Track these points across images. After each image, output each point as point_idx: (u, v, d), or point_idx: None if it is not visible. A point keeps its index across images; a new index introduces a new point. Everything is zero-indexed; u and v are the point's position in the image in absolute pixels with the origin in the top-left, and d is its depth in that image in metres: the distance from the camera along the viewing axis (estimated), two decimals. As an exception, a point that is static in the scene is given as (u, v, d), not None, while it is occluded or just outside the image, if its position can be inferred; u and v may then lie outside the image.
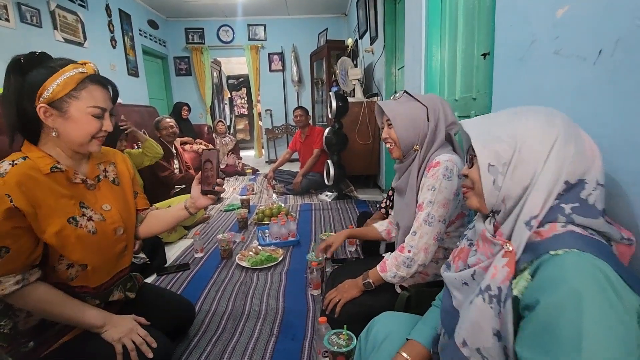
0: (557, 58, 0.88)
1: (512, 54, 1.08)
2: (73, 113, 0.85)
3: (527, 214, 0.54)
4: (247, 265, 1.90)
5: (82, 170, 0.98)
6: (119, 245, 1.02)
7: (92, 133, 0.89)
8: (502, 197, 0.58)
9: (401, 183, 1.17)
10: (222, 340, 1.31)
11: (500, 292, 0.53)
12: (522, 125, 0.57)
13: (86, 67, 0.88)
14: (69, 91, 0.84)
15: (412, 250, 1.04)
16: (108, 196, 1.02)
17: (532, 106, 0.60)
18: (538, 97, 0.97)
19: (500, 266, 0.54)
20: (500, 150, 0.57)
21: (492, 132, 0.59)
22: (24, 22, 2.98)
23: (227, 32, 6.04)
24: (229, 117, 8.43)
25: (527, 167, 0.55)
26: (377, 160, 3.72)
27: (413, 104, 1.10)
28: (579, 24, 0.80)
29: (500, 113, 0.62)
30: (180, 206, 1.11)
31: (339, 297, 1.16)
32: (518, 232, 0.55)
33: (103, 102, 0.89)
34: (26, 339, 0.90)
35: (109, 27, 4.23)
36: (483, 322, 0.54)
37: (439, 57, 1.92)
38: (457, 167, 1.03)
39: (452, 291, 0.69)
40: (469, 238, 0.73)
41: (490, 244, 0.60)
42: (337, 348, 1.01)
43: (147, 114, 4.32)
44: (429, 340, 0.79)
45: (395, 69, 3.25)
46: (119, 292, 1.05)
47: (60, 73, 0.84)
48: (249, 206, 3.05)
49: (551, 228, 0.53)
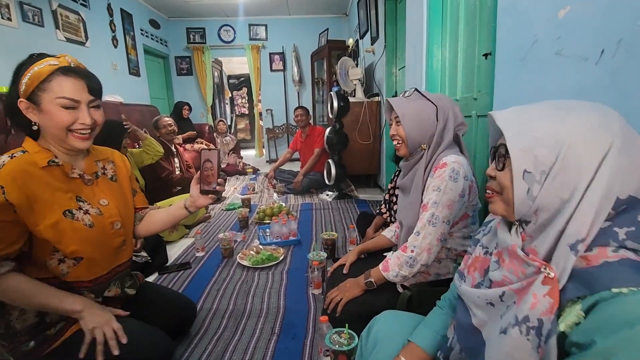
0: (559, 58, 0.88)
1: (514, 54, 1.08)
2: (45, 106, 0.85)
3: (573, 236, 0.47)
4: (248, 264, 1.90)
5: (80, 166, 0.99)
6: (116, 239, 1.02)
7: (64, 125, 0.87)
8: (535, 208, 0.51)
9: (406, 181, 1.17)
10: (224, 339, 1.31)
11: (541, 326, 0.47)
12: (569, 126, 0.48)
13: (59, 60, 0.88)
14: (37, 84, 0.85)
15: (415, 250, 1.05)
16: (105, 192, 1.03)
17: (583, 102, 0.51)
18: (539, 98, 0.97)
19: (541, 295, 0.48)
20: (540, 156, 0.49)
21: (531, 132, 0.50)
22: (26, 22, 2.98)
23: (228, 31, 6.05)
24: (230, 116, 8.44)
25: (570, 177, 0.48)
26: (378, 160, 3.73)
27: (423, 102, 1.09)
28: (580, 25, 0.80)
29: (541, 106, 0.53)
30: (180, 205, 1.12)
31: (340, 296, 1.16)
32: (561, 256, 0.48)
33: (73, 92, 0.87)
34: (26, 337, 0.90)
35: (111, 27, 4.24)
36: (519, 356, 0.49)
37: (440, 57, 1.93)
38: (464, 168, 1.03)
39: (471, 308, 0.63)
40: (484, 245, 0.68)
41: (522, 262, 0.53)
42: (338, 347, 1.02)
43: (148, 113, 4.33)
44: (430, 344, 0.77)
45: (396, 69, 3.25)
46: (116, 287, 1.05)
47: (31, 68, 0.85)
48: (250, 205, 3.06)
49: (600, 253, 0.46)
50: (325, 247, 1.98)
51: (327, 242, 1.96)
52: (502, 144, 0.54)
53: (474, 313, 0.62)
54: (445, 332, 0.78)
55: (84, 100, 0.89)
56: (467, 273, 0.70)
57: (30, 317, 0.90)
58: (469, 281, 0.68)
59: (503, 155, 0.54)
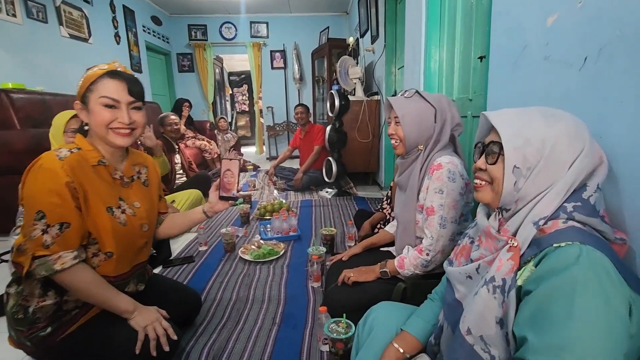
0: (547, 63, 0.93)
1: (506, 58, 1.13)
2: (91, 105, 0.94)
3: (537, 215, 0.57)
4: (250, 258, 1.96)
5: (120, 168, 1.07)
6: (141, 240, 1.10)
7: (104, 122, 0.95)
8: (517, 198, 0.60)
9: (403, 179, 1.22)
10: (227, 328, 1.37)
11: (504, 284, 0.56)
12: (554, 131, 0.58)
13: (109, 65, 0.97)
14: (87, 86, 0.94)
15: (430, 254, 1.11)
16: (139, 195, 1.10)
17: (561, 111, 0.62)
18: (529, 100, 1.02)
19: (505, 259, 0.57)
20: (528, 155, 0.58)
21: (523, 133, 0.59)
22: (30, 18, 3.02)
23: (230, 29, 6.08)
24: (230, 113, 8.47)
25: (550, 173, 0.58)
26: (377, 158, 3.78)
27: (423, 104, 1.12)
28: (567, 32, 0.86)
29: (531, 112, 0.62)
30: (198, 210, 1.21)
31: (354, 275, 1.24)
32: (525, 230, 0.58)
33: (114, 93, 0.94)
34: (44, 324, 0.95)
35: (113, 23, 4.27)
36: (487, 312, 0.58)
37: (437, 58, 1.98)
38: (458, 168, 1.08)
39: (455, 285, 0.72)
40: (470, 236, 0.77)
41: (494, 239, 0.63)
42: (336, 335, 1.07)
43: (150, 110, 4.37)
44: (421, 332, 0.83)
45: (395, 69, 3.30)
46: (134, 284, 1.12)
47: (86, 72, 0.96)
48: (251, 202, 3.11)
49: (553, 224, 0.57)
50: (325, 243, 2.03)
51: (327, 237, 2.02)
52: (495, 141, 0.62)
53: (457, 289, 0.71)
54: (435, 321, 0.84)
55: (124, 100, 0.96)
56: (455, 259, 0.78)
57: (49, 304, 0.95)
58: (456, 265, 0.76)
59: (497, 153, 0.62)
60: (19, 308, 0.94)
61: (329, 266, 1.50)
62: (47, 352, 0.97)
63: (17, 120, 2.45)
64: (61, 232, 0.88)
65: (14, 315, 0.94)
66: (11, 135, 2.34)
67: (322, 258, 1.71)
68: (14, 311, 0.94)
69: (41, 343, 0.95)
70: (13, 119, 2.44)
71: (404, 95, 1.15)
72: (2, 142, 2.30)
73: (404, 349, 0.82)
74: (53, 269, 0.87)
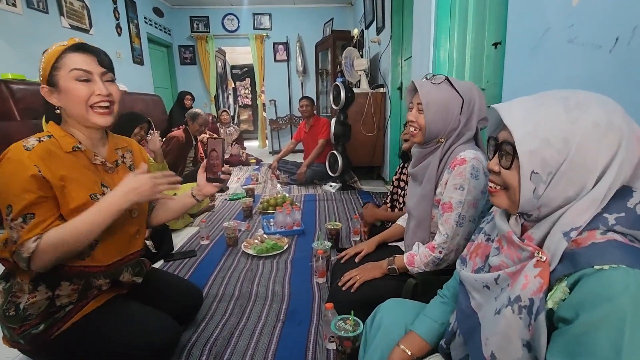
0: (571, 46, 0.87)
1: (525, 43, 1.07)
2: (61, 84, 0.88)
3: (568, 225, 0.49)
4: (253, 253, 1.92)
5: (101, 153, 1.00)
6: (132, 227, 1.04)
7: (83, 98, 0.88)
8: (539, 205, 0.53)
9: (418, 171, 1.15)
10: (230, 325, 1.33)
11: (532, 304, 0.49)
12: (577, 127, 0.48)
13: (68, 41, 0.91)
14: (52, 64, 0.87)
15: (444, 252, 1.05)
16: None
17: (586, 94, 0.51)
18: (549, 87, 0.96)
19: (532, 276, 0.50)
20: (548, 157, 0.49)
21: (539, 132, 0.50)
22: (30, 8, 2.97)
23: (232, 21, 5.99)
24: (233, 107, 8.42)
25: (576, 177, 0.49)
26: (382, 152, 3.72)
27: (451, 93, 1.02)
28: (595, 12, 0.79)
29: (547, 102, 0.52)
30: (188, 194, 1.14)
31: (360, 276, 1.17)
32: (553, 241, 0.50)
33: (85, 64, 0.88)
34: (36, 321, 0.91)
35: (115, 14, 4.21)
36: (512, 334, 0.52)
37: (447, 47, 1.91)
38: (483, 164, 1.01)
39: (470, 292, 0.66)
40: (486, 232, 0.70)
41: (517, 248, 0.55)
42: (344, 333, 1.03)
43: (152, 102, 4.33)
44: (429, 333, 0.79)
45: (402, 60, 3.22)
46: (129, 274, 1.07)
47: (45, 53, 0.89)
48: (254, 195, 3.07)
49: (589, 236, 0.48)
50: (330, 237, 1.99)
51: (332, 232, 1.97)
52: (507, 141, 0.54)
53: (472, 296, 0.65)
54: (444, 320, 0.80)
55: (96, 71, 0.90)
56: (469, 259, 0.72)
57: (41, 300, 0.91)
58: (470, 266, 0.70)
59: (510, 154, 0.54)
60: (10, 305, 0.90)
61: (335, 262, 1.45)
62: (41, 350, 0.94)
63: (17, 112, 2.41)
64: (25, 223, 0.82)
65: (5, 313, 0.90)
66: (11, 126, 2.31)
67: (327, 253, 1.67)
68: (4, 308, 0.90)
69: (34, 340, 0.91)
70: (13, 110, 2.40)
71: (431, 81, 1.04)
72: (2, 134, 2.26)
73: (411, 350, 0.78)
74: (25, 258, 0.82)
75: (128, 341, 0.96)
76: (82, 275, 0.95)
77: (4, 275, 0.94)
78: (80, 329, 0.95)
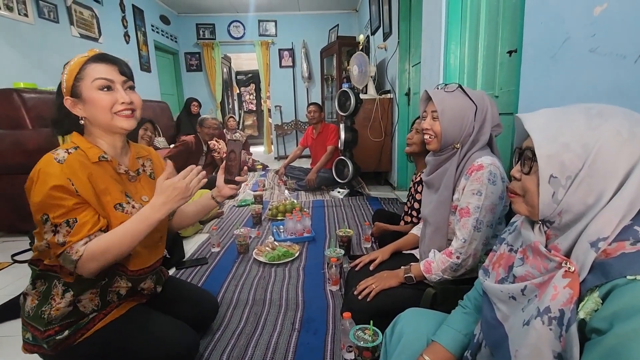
0: (593, 56, 0.87)
1: (543, 52, 1.07)
2: (85, 94, 0.90)
3: (595, 234, 0.49)
4: (265, 260, 1.92)
5: (124, 162, 1.02)
6: (156, 234, 1.05)
7: (107, 106, 0.90)
8: (559, 210, 0.53)
9: (434, 178, 1.16)
10: (246, 334, 1.32)
11: (562, 315, 0.49)
12: (598, 133, 0.49)
13: (89, 52, 0.93)
14: (74, 76, 0.90)
15: (461, 257, 1.05)
16: (146, 188, 1.06)
17: (611, 106, 0.52)
18: (570, 96, 0.96)
19: (562, 287, 0.50)
20: (567, 161, 0.50)
21: (559, 137, 0.51)
22: (42, 18, 3.01)
23: (238, 27, 6.05)
24: (238, 113, 8.46)
25: (596, 183, 0.49)
26: (389, 157, 3.71)
27: (464, 100, 1.06)
28: (618, 22, 0.79)
29: (569, 110, 0.53)
30: (208, 196, 1.15)
31: (376, 284, 1.16)
32: (581, 251, 0.50)
33: (106, 73, 0.90)
34: (60, 326, 0.92)
35: (123, 23, 4.27)
36: (543, 346, 0.51)
37: (458, 54, 1.91)
38: (500, 170, 1.02)
39: (495, 303, 0.65)
40: (509, 243, 0.69)
41: (544, 258, 0.55)
42: (363, 343, 1.02)
43: (159, 109, 4.36)
44: (452, 344, 0.78)
45: (409, 66, 3.23)
46: (151, 281, 1.08)
47: (67, 65, 0.92)
48: (262, 202, 3.07)
49: (618, 246, 0.48)
50: (341, 244, 1.98)
51: (343, 239, 1.97)
52: (529, 147, 0.55)
53: (497, 307, 0.64)
54: (468, 331, 0.79)
55: (118, 80, 0.92)
56: (491, 269, 0.71)
57: (65, 305, 0.92)
58: (493, 276, 0.69)
59: (530, 159, 0.55)
60: (41, 307, 0.91)
61: (349, 270, 1.45)
62: (62, 356, 0.94)
63: (29, 120, 2.44)
64: (70, 227, 0.84)
65: (41, 314, 0.91)
66: (23, 135, 2.33)
67: (340, 260, 1.66)
68: (42, 309, 0.91)
69: (58, 346, 0.92)
70: (25, 118, 2.43)
71: (444, 89, 1.08)
72: (14, 142, 2.29)
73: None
74: (73, 260, 0.84)
75: (148, 351, 0.97)
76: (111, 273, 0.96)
77: (42, 276, 0.95)
78: (102, 337, 0.96)
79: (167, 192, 0.91)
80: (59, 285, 0.92)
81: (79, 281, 0.92)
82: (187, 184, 0.94)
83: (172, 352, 0.99)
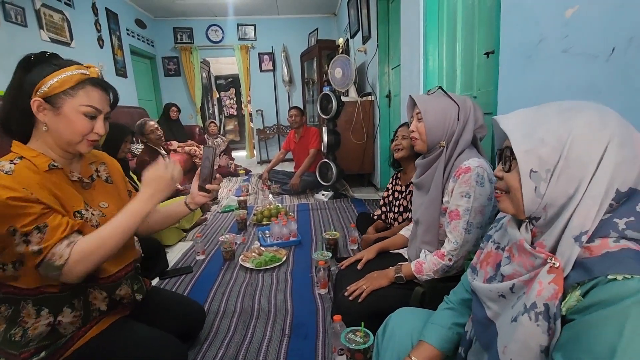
0: (566, 56, 0.91)
1: (520, 53, 1.10)
2: (66, 110, 0.85)
3: (577, 228, 0.50)
4: (252, 266, 1.89)
5: (76, 169, 0.97)
6: None
7: (83, 132, 0.87)
8: (543, 204, 0.54)
9: (424, 180, 1.17)
10: (235, 342, 1.30)
11: (547, 310, 0.50)
12: (570, 126, 0.51)
13: (89, 70, 0.89)
14: (66, 89, 0.85)
15: (454, 259, 1.07)
16: (103, 194, 1.02)
17: (581, 102, 0.54)
18: (547, 95, 1.00)
19: (547, 282, 0.51)
20: (544, 155, 0.52)
21: (534, 133, 0.53)
22: (8, 21, 2.87)
23: (217, 31, 5.97)
24: (218, 117, 8.35)
25: (574, 173, 0.51)
26: (372, 159, 3.75)
27: (445, 100, 1.10)
28: (589, 24, 0.83)
29: (542, 109, 0.56)
30: (180, 202, 1.12)
31: (366, 285, 1.17)
32: (565, 246, 0.51)
33: (99, 103, 0.88)
34: (37, 347, 0.87)
35: (96, 27, 4.13)
36: (530, 341, 0.52)
37: (436, 56, 1.95)
38: (487, 172, 1.04)
39: (485, 302, 0.66)
40: (495, 241, 0.70)
41: (529, 255, 0.56)
42: (355, 345, 1.02)
43: (137, 115, 4.23)
44: (438, 339, 0.79)
45: (389, 68, 3.28)
46: (127, 287, 1.03)
47: (62, 71, 0.85)
48: (247, 207, 3.03)
49: (602, 244, 0.49)
50: (328, 247, 1.98)
51: (330, 241, 1.96)
52: (507, 146, 0.57)
53: (488, 306, 0.65)
54: (451, 324, 0.80)
55: (104, 111, 0.91)
56: (479, 268, 0.72)
57: (42, 325, 0.87)
58: (482, 275, 0.70)
59: (509, 157, 0.57)
60: (10, 331, 0.86)
61: (337, 272, 1.44)
62: None
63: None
64: (43, 234, 0.79)
65: (11, 338, 0.86)
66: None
67: (328, 263, 1.66)
68: (11, 333, 0.86)
69: None
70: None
71: (426, 93, 1.13)
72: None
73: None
74: (57, 266, 0.80)
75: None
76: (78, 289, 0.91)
77: (5, 301, 0.88)
78: (82, 356, 0.91)
79: (153, 184, 0.92)
80: (27, 306, 0.86)
81: (53, 297, 0.87)
82: (171, 174, 0.95)
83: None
